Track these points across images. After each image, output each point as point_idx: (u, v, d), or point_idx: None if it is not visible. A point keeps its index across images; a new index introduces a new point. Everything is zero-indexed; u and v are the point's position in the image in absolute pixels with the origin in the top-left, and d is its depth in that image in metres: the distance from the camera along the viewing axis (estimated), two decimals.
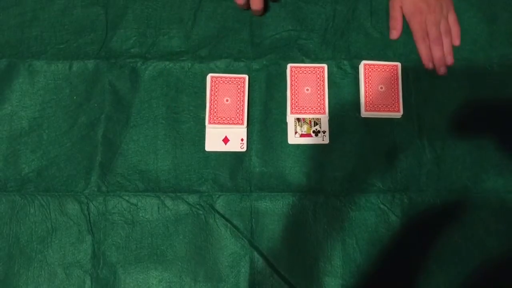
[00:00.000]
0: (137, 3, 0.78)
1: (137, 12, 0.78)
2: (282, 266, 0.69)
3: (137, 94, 0.75)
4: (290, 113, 0.73)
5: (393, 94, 0.74)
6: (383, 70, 0.75)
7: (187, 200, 0.71)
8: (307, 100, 0.73)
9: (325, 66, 0.75)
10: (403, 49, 0.77)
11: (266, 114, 0.74)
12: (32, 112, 0.74)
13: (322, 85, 0.74)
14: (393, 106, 0.74)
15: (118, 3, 0.78)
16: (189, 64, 0.76)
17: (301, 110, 0.73)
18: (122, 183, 0.71)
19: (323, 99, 0.74)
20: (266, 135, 0.73)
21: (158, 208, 0.71)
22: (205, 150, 0.73)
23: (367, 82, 0.75)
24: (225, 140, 0.73)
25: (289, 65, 0.75)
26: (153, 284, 0.69)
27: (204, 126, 0.73)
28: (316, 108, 0.73)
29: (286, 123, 0.74)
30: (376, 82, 0.75)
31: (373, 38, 0.78)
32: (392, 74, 0.75)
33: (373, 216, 0.71)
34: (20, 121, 0.73)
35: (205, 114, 0.73)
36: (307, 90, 0.74)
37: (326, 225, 0.71)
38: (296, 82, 0.74)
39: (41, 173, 0.72)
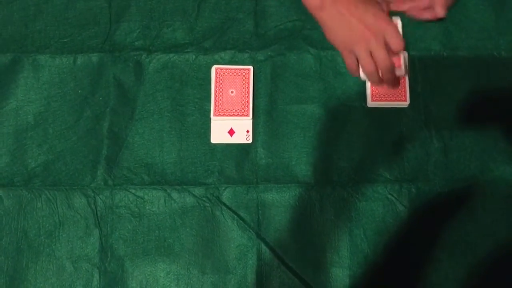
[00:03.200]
0: None
1: (140, 4, 0.77)
2: (289, 257, 0.69)
3: (141, 87, 0.74)
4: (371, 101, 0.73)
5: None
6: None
7: (193, 192, 0.71)
8: None
9: (404, 53, 0.73)
10: (410, 38, 0.76)
11: (271, 105, 0.74)
12: (37, 106, 0.74)
13: None
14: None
15: None
16: (194, 56, 0.75)
17: (382, 97, 0.74)
18: (128, 176, 0.71)
19: None
20: (271, 126, 0.73)
21: (165, 201, 0.71)
22: (210, 143, 0.72)
23: None
24: (231, 132, 0.72)
25: None
26: (160, 276, 0.69)
27: (210, 118, 0.73)
28: (397, 96, 0.74)
29: (291, 114, 0.73)
30: None
31: None
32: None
33: (381, 207, 0.71)
34: (26, 116, 0.73)
35: (210, 106, 0.73)
36: None
37: (333, 216, 0.70)
38: None
39: (48, 168, 0.72)
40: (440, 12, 0.74)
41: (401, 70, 0.65)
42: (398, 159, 0.72)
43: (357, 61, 0.66)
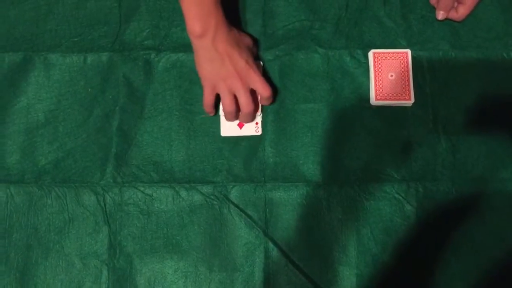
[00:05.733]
0: None
1: (150, 4, 0.78)
2: (296, 256, 0.70)
3: (151, 86, 0.75)
4: (375, 100, 0.73)
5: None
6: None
7: (201, 190, 0.71)
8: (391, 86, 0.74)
9: (408, 51, 0.75)
10: (417, 38, 0.77)
11: (279, 104, 0.74)
12: (48, 104, 0.75)
13: (407, 71, 0.74)
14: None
15: None
16: None
17: (386, 96, 0.73)
18: (137, 174, 0.72)
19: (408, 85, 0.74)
20: (279, 125, 0.73)
21: (173, 198, 0.71)
22: (219, 141, 0.73)
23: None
24: (240, 125, 0.73)
25: (372, 51, 0.75)
26: (168, 273, 0.69)
27: (218, 116, 0.73)
28: (401, 94, 0.73)
29: (299, 113, 0.74)
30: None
31: (387, 27, 0.77)
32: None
33: (388, 206, 0.71)
34: (37, 114, 0.74)
35: (218, 104, 0.73)
36: (391, 76, 0.74)
37: (340, 215, 0.71)
38: (380, 68, 0.74)
39: (58, 165, 0.72)
40: (461, 14, 0.75)
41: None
42: (405, 158, 0.72)
43: (214, 100, 0.70)
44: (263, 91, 0.69)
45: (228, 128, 0.73)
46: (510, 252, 0.70)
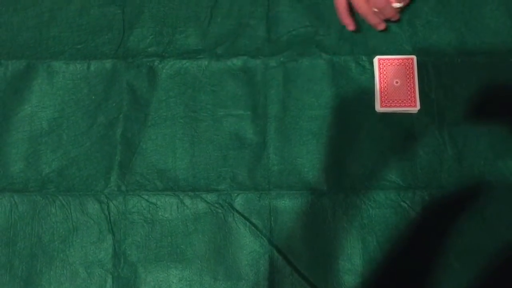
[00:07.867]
0: (154, 2, 0.78)
1: (153, 11, 0.78)
2: (301, 264, 0.69)
3: (154, 93, 0.75)
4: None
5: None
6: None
7: (205, 199, 0.71)
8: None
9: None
10: (423, 43, 0.76)
11: (283, 112, 0.74)
12: (51, 112, 0.74)
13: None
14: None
15: (135, 2, 0.78)
16: (206, 62, 0.75)
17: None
18: (141, 182, 0.72)
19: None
20: (284, 132, 0.73)
21: (177, 207, 0.71)
22: (223, 148, 0.72)
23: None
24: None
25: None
26: (173, 282, 0.69)
27: (221, 124, 0.73)
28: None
29: (303, 120, 0.73)
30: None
31: (392, 33, 0.76)
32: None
33: (394, 214, 0.70)
34: (40, 122, 0.74)
35: (223, 112, 0.73)
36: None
37: (345, 223, 0.70)
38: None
39: (62, 173, 0.72)
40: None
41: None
42: (411, 165, 0.72)
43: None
44: None
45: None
46: None
